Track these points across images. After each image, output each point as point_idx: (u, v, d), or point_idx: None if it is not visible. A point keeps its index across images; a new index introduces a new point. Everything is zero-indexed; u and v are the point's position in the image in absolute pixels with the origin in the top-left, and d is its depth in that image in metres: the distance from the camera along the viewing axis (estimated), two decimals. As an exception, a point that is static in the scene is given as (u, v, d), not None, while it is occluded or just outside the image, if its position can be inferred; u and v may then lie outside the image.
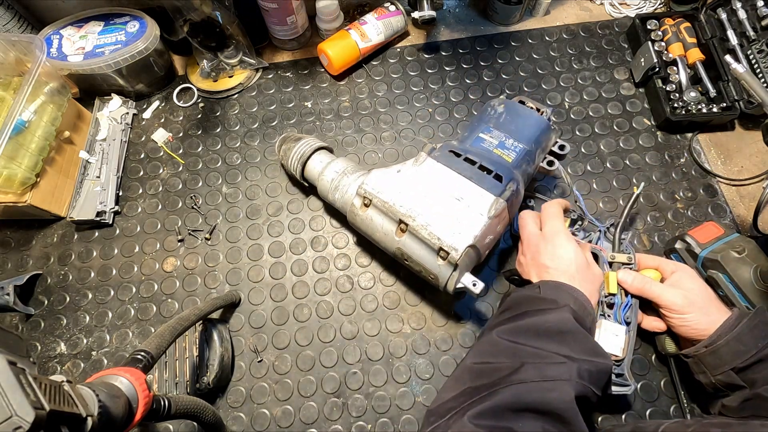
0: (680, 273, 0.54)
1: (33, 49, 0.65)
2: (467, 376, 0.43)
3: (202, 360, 0.59)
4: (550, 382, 0.39)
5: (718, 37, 0.74)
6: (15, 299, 0.65)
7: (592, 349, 0.44)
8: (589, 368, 0.42)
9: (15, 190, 0.64)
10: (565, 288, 0.48)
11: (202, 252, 0.70)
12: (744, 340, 0.47)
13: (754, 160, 0.71)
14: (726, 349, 0.48)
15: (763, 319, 0.48)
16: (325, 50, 0.77)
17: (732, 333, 0.47)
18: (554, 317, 0.45)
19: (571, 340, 0.44)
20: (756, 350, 0.46)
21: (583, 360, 0.42)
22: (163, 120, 0.80)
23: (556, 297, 0.47)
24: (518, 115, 0.60)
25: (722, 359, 0.48)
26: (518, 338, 0.44)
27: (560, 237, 0.52)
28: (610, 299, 0.55)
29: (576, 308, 0.46)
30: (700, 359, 0.50)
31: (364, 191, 0.56)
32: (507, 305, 0.51)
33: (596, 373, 0.42)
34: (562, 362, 0.41)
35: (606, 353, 0.46)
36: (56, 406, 0.29)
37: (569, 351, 0.42)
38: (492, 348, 0.44)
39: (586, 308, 0.48)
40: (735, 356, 0.47)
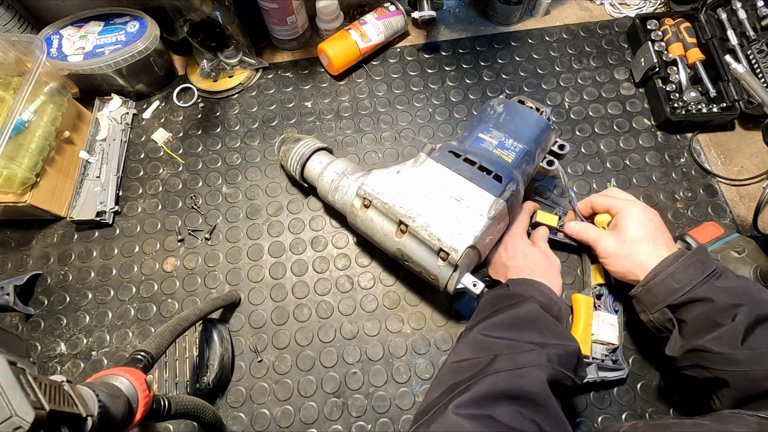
0: (622, 212, 0.55)
1: (33, 49, 0.64)
2: (449, 375, 0.45)
3: (202, 360, 0.59)
4: (522, 369, 0.42)
5: (718, 37, 0.74)
6: (15, 299, 0.65)
7: (559, 333, 0.47)
8: (558, 351, 0.44)
9: (15, 190, 0.64)
10: (529, 282, 0.53)
11: (202, 252, 0.70)
12: (678, 277, 0.48)
13: (754, 160, 0.71)
14: (660, 287, 0.48)
15: (700, 258, 0.48)
16: (325, 50, 0.77)
17: (667, 271, 0.48)
18: (523, 309, 0.48)
19: (540, 326, 0.47)
20: (690, 287, 0.46)
21: (552, 345, 0.45)
22: (163, 120, 0.80)
23: (523, 291, 0.51)
24: (518, 115, 0.60)
25: (656, 297, 0.49)
26: (491, 332, 0.47)
27: (515, 238, 0.59)
28: (599, 290, 0.59)
29: (542, 299, 0.50)
30: (639, 298, 0.51)
31: (364, 192, 0.56)
32: (481, 306, 0.54)
33: (565, 355, 0.45)
34: (531, 350, 0.44)
35: (571, 336, 0.48)
36: (56, 406, 0.29)
37: (539, 337, 0.45)
38: (469, 346, 0.47)
39: (551, 298, 0.52)
40: (668, 294, 0.48)
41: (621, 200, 0.57)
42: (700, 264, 0.48)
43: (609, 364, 0.56)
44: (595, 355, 0.56)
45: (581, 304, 0.58)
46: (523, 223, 0.61)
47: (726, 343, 0.44)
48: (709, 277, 0.47)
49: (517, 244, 0.58)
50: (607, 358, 0.56)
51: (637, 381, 0.59)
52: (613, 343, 0.56)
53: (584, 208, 0.61)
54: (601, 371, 0.56)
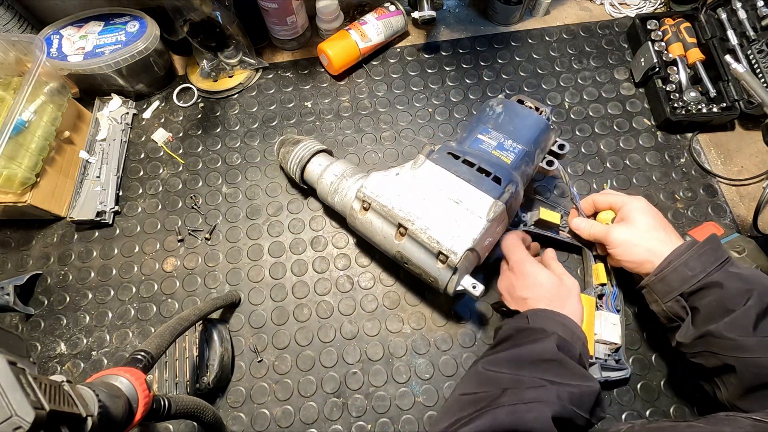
0: (627, 206, 0.55)
1: (33, 49, 0.65)
2: (456, 407, 0.44)
3: (202, 360, 0.59)
4: (527, 404, 0.40)
5: (718, 37, 0.74)
6: (15, 299, 0.65)
7: (577, 374, 0.45)
8: (572, 390, 0.42)
9: (15, 190, 0.64)
10: (551, 315, 0.50)
11: (202, 252, 0.70)
12: (691, 265, 0.48)
13: (754, 160, 0.71)
14: (674, 275, 0.48)
15: (713, 246, 0.48)
16: (325, 50, 0.77)
17: (680, 259, 0.48)
18: (539, 347, 0.46)
19: (555, 367, 0.44)
20: (703, 275, 0.47)
21: (565, 384, 0.43)
22: (163, 120, 0.80)
23: (544, 326, 0.48)
24: (517, 115, 0.60)
25: (670, 285, 0.49)
26: (502, 368, 0.45)
27: (526, 266, 0.54)
28: (600, 290, 0.59)
29: (564, 334, 0.47)
30: (651, 287, 0.51)
31: (363, 195, 0.56)
32: (499, 338, 0.52)
33: (579, 395, 0.43)
34: (542, 385, 0.42)
35: (593, 378, 0.46)
36: (56, 406, 0.29)
37: (553, 377, 0.43)
38: (477, 378, 0.46)
39: (574, 333, 0.49)
40: (682, 282, 0.48)
41: (623, 195, 0.57)
42: (713, 252, 0.48)
43: (612, 364, 0.56)
44: (598, 355, 0.56)
45: (584, 304, 0.58)
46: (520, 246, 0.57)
47: (737, 329, 0.44)
48: (722, 265, 0.47)
49: (529, 270, 0.54)
50: (609, 357, 0.56)
51: (637, 381, 0.59)
52: (616, 343, 0.56)
53: (586, 206, 0.61)
54: (605, 371, 0.56)
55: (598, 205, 0.60)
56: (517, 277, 0.55)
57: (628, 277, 0.64)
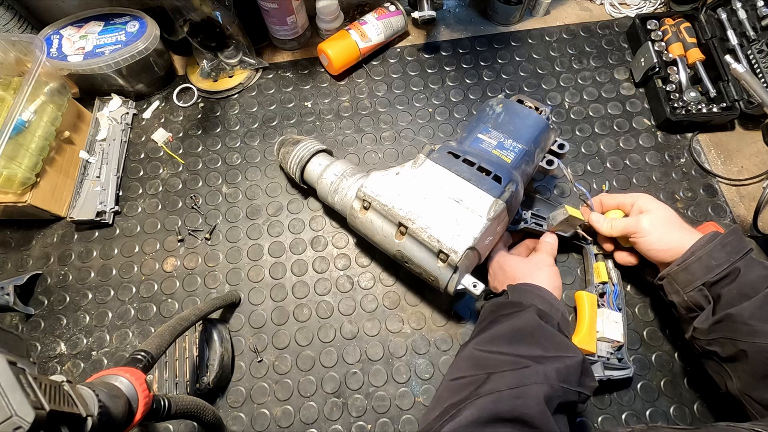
0: (640, 200, 0.56)
1: (33, 49, 0.65)
2: (446, 393, 0.44)
3: (202, 360, 0.59)
4: (517, 389, 0.40)
5: (718, 37, 0.74)
6: (15, 299, 0.65)
7: (560, 344, 0.45)
8: (557, 366, 0.43)
9: (15, 190, 0.64)
10: (527, 288, 0.52)
11: (202, 252, 0.70)
12: (715, 255, 0.48)
13: (754, 160, 0.71)
14: (698, 265, 0.49)
15: (737, 237, 0.49)
16: (325, 50, 0.77)
17: (704, 249, 0.49)
18: (521, 320, 0.47)
19: (539, 338, 0.45)
20: (727, 265, 0.47)
21: (551, 358, 0.43)
22: (163, 120, 0.80)
23: (522, 299, 0.50)
24: (516, 115, 0.60)
25: (694, 275, 0.49)
26: (488, 347, 0.46)
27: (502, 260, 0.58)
28: (602, 288, 0.59)
29: (542, 306, 0.49)
30: (673, 277, 0.51)
31: (363, 194, 0.56)
32: (482, 316, 0.53)
33: (565, 369, 0.43)
34: (527, 366, 0.42)
35: (574, 347, 0.47)
36: (56, 406, 0.29)
37: (539, 350, 0.44)
38: (465, 362, 0.46)
39: (552, 304, 0.50)
40: (706, 271, 0.48)
41: (631, 194, 0.58)
42: (737, 242, 0.48)
43: (615, 363, 0.56)
44: (600, 353, 0.56)
45: (585, 301, 0.57)
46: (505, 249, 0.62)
47: (754, 314, 0.44)
48: (745, 255, 0.48)
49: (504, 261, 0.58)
50: (612, 356, 0.56)
51: (637, 381, 0.59)
52: (619, 341, 0.56)
53: (594, 206, 0.61)
54: (607, 370, 0.56)
55: (605, 204, 0.60)
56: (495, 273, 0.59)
57: (630, 276, 0.64)
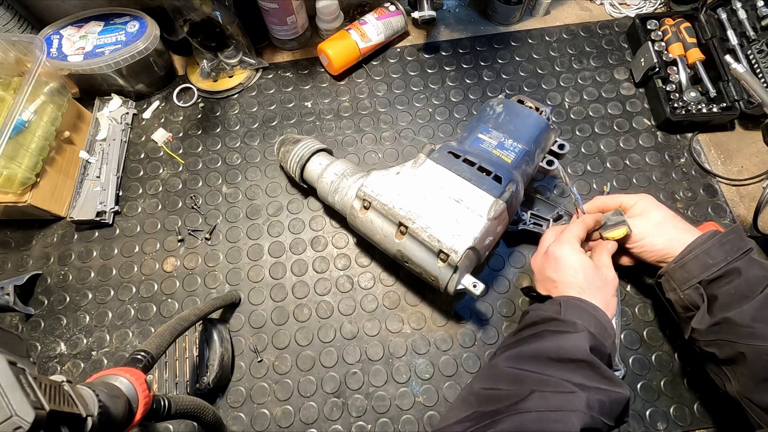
0: (641, 202, 0.56)
1: (33, 49, 0.65)
2: (474, 400, 0.42)
3: (202, 360, 0.59)
4: (556, 413, 0.38)
5: (718, 37, 0.74)
6: (15, 299, 0.65)
7: (607, 378, 0.42)
8: (602, 398, 0.40)
9: (15, 190, 0.64)
10: (585, 306, 0.46)
11: (202, 252, 0.70)
12: (713, 254, 0.48)
13: (754, 160, 0.71)
14: (694, 263, 0.48)
15: (736, 236, 0.48)
16: (325, 50, 0.77)
17: (702, 247, 0.48)
18: (570, 344, 0.42)
19: (585, 369, 0.41)
20: (724, 263, 0.47)
21: (595, 389, 0.40)
22: (163, 120, 0.80)
23: (576, 319, 0.45)
24: (517, 115, 0.60)
25: (690, 273, 0.49)
26: (529, 364, 0.42)
27: (563, 249, 0.51)
28: None
29: (596, 331, 0.44)
30: (671, 275, 0.51)
31: (363, 194, 0.56)
32: (525, 323, 0.48)
33: (609, 403, 0.40)
34: (571, 391, 0.39)
35: (622, 383, 0.43)
36: (56, 406, 0.29)
37: (582, 379, 0.40)
38: (501, 373, 0.43)
39: (606, 329, 0.45)
40: (702, 269, 0.48)
41: (629, 195, 0.57)
42: (736, 241, 0.48)
43: None
44: None
45: None
46: (574, 231, 0.53)
47: (753, 316, 0.43)
48: (744, 254, 0.47)
49: (564, 253, 0.50)
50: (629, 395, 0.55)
51: (637, 381, 0.59)
52: None
53: (592, 208, 0.60)
54: None
55: (607, 206, 0.59)
56: (548, 258, 0.52)
57: (631, 276, 0.64)
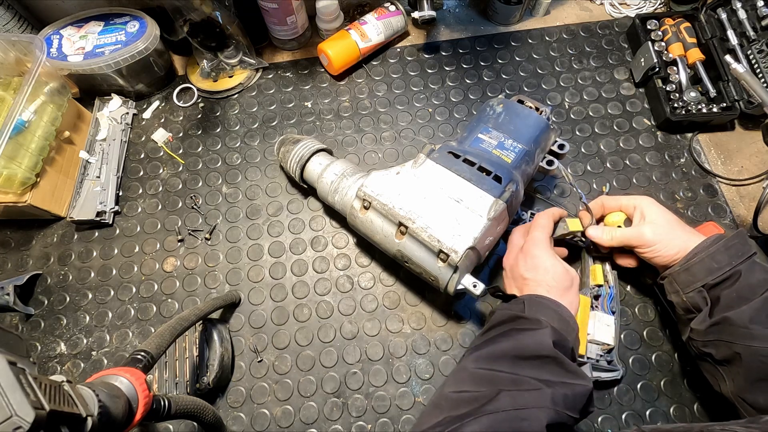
0: (643, 204, 0.55)
1: (33, 49, 0.65)
2: (445, 404, 0.43)
3: (202, 360, 0.59)
4: (523, 411, 0.39)
5: (718, 37, 0.74)
6: (15, 299, 0.65)
7: (570, 372, 0.44)
8: (566, 392, 0.42)
9: (15, 190, 0.64)
10: (548, 304, 0.48)
11: (202, 252, 0.70)
12: (718, 258, 0.48)
13: (754, 160, 0.71)
14: (699, 266, 0.49)
15: (741, 240, 0.49)
16: (325, 50, 0.77)
17: (707, 251, 0.49)
18: (535, 340, 0.45)
19: (550, 365, 0.44)
20: (729, 267, 0.47)
21: (560, 383, 0.42)
22: (163, 120, 0.80)
23: (540, 316, 0.47)
24: (517, 115, 0.60)
25: (695, 276, 0.49)
26: (497, 364, 0.44)
27: (537, 248, 0.53)
28: (597, 291, 0.59)
29: (559, 326, 0.46)
30: (674, 278, 0.51)
31: (363, 194, 0.56)
32: (491, 323, 0.50)
33: (572, 396, 0.42)
34: (537, 388, 0.41)
35: (585, 375, 0.46)
36: (56, 406, 0.29)
37: (548, 375, 0.43)
38: (470, 375, 0.44)
39: (569, 324, 0.48)
40: (707, 273, 0.48)
41: (633, 196, 0.57)
42: (741, 245, 0.48)
43: (603, 365, 0.56)
44: (590, 355, 0.56)
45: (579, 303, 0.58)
46: (547, 229, 0.56)
47: (751, 317, 0.44)
48: (748, 258, 0.47)
49: (540, 254, 0.52)
50: (602, 358, 0.56)
51: (637, 381, 0.59)
52: (609, 344, 0.56)
53: (595, 208, 0.59)
54: (596, 371, 0.56)
55: (607, 207, 0.59)
56: (524, 255, 0.53)
57: (631, 277, 0.64)
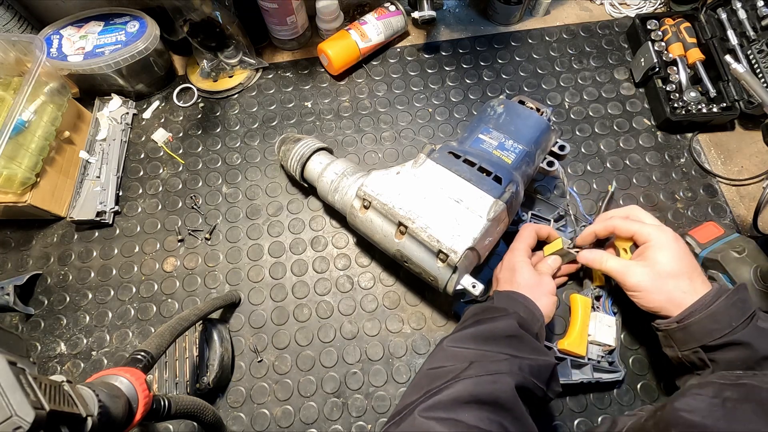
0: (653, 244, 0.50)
1: (33, 49, 0.65)
2: (424, 380, 0.45)
3: (202, 360, 0.59)
4: (492, 376, 0.42)
5: (718, 37, 0.74)
6: (15, 299, 0.65)
7: (535, 349, 0.47)
8: (530, 363, 0.45)
9: (15, 190, 0.64)
10: (515, 297, 0.52)
11: (202, 252, 0.70)
12: (718, 318, 0.45)
13: (754, 160, 0.71)
14: (698, 327, 0.46)
15: (741, 297, 0.46)
16: (325, 50, 0.77)
17: (707, 311, 0.46)
18: (502, 324, 0.48)
19: (515, 342, 0.47)
20: (729, 329, 0.45)
21: (524, 357, 0.45)
22: (163, 120, 0.80)
23: (506, 305, 0.50)
24: (518, 115, 0.60)
25: (693, 336, 0.46)
26: (468, 343, 0.47)
27: (514, 255, 0.57)
28: (598, 292, 0.59)
29: (524, 315, 0.50)
30: (670, 334, 0.49)
31: (363, 193, 0.56)
32: (465, 316, 0.54)
33: (537, 368, 0.45)
34: (504, 359, 0.44)
35: (548, 353, 0.48)
36: (56, 406, 0.29)
37: (514, 351, 0.46)
38: (445, 353, 0.47)
39: (534, 314, 0.51)
40: (706, 334, 0.46)
41: (649, 226, 0.52)
42: (742, 303, 0.46)
43: (605, 366, 0.56)
44: (591, 356, 0.56)
45: (579, 304, 0.58)
46: (525, 240, 0.58)
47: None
48: (749, 319, 0.45)
49: (513, 258, 0.57)
50: (603, 359, 0.56)
51: (637, 381, 0.59)
52: (610, 345, 0.56)
53: (603, 232, 0.55)
54: (597, 372, 0.56)
55: (618, 232, 0.54)
56: (503, 261, 0.59)
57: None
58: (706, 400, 0.37)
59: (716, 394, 0.37)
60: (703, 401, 0.37)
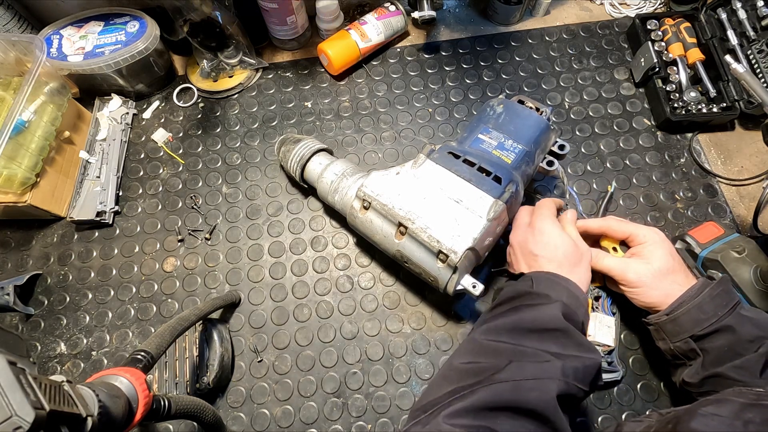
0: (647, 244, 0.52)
1: (33, 49, 0.65)
2: (454, 375, 0.43)
3: (202, 360, 0.59)
4: (531, 381, 0.39)
5: (718, 37, 0.74)
6: (15, 299, 0.65)
7: (580, 344, 0.44)
8: (576, 365, 0.41)
9: (15, 190, 0.64)
10: (557, 280, 0.48)
11: (202, 252, 0.70)
12: (705, 308, 0.48)
13: (754, 160, 0.71)
14: (686, 317, 0.48)
15: (725, 288, 0.49)
16: (325, 50, 0.77)
17: (694, 301, 0.48)
18: (544, 314, 0.44)
19: (560, 337, 0.43)
20: (715, 318, 0.47)
21: (570, 356, 0.42)
22: (163, 120, 0.80)
23: (549, 291, 0.46)
24: (517, 115, 0.60)
25: (682, 327, 0.48)
26: (506, 336, 0.44)
27: (546, 224, 0.52)
28: (597, 292, 0.59)
29: (568, 302, 0.46)
30: (661, 327, 0.51)
31: (363, 194, 0.56)
32: (500, 300, 0.50)
33: (583, 369, 0.42)
34: (546, 360, 0.41)
35: (595, 348, 0.45)
36: (56, 406, 0.29)
37: (557, 348, 0.42)
38: (479, 347, 0.44)
39: (578, 299, 0.47)
40: (695, 324, 0.48)
41: (643, 227, 0.54)
42: (726, 294, 0.48)
43: (604, 366, 0.56)
44: None
45: None
46: (552, 208, 0.55)
47: (747, 373, 0.44)
48: (733, 308, 0.47)
49: (549, 229, 0.52)
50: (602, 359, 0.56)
51: (637, 381, 0.59)
52: (609, 345, 0.56)
53: (598, 231, 0.57)
54: None
55: (612, 234, 0.56)
56: (533, 232, 0.53)
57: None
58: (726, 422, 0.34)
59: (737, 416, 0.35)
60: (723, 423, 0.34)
